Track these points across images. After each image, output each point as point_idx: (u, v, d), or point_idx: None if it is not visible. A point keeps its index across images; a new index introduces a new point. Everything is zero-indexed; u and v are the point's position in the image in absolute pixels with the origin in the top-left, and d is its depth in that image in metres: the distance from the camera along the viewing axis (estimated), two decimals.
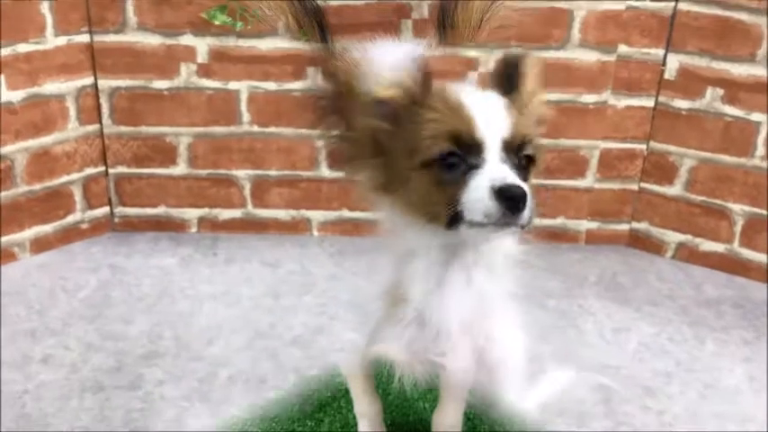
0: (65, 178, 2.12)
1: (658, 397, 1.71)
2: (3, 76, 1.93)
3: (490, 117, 0.92)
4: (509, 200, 0.87)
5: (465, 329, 1.02)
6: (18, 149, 2.01)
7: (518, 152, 0.92)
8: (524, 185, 0.88)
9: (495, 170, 0.90)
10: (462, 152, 0.90)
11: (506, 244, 1.00)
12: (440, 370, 1.06)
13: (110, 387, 1.66)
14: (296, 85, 2.12)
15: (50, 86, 2.01)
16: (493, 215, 0.88)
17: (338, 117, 0.94)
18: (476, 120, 0.91)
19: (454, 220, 0.91)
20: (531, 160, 0.94)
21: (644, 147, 2.20)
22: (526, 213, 0.88)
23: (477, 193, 0.88)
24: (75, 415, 1.58)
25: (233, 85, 2.11)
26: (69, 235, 2.18)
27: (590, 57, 2.08)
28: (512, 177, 0.89)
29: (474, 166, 0.90)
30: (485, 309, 1.03)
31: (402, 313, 1.02)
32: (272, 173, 2.23)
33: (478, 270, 1.00)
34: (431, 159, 0.91)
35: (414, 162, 0.92)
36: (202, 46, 2.06)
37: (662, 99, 2.14)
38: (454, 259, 0.98)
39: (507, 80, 0.98)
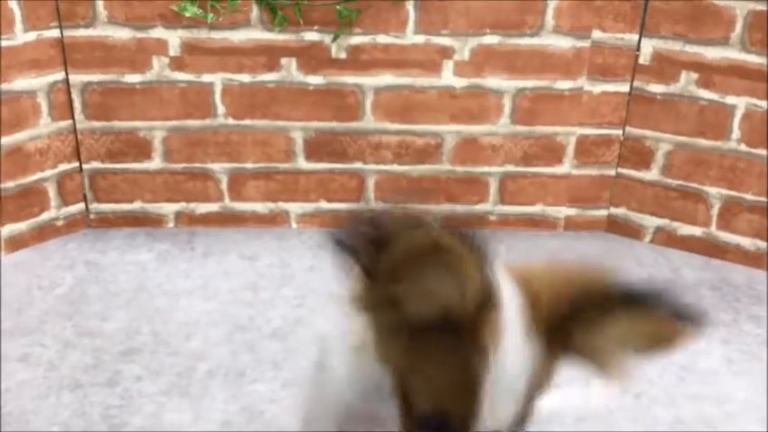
0: (38, 175, 2.10)
1: (636, 380, 1.72)
2: None
3: None
4: None
5: None
6: None
7: None
8: None
9: None
10: None
11: None
12: None
13: (87, 384, 1.65)
14: (270, 76, 2.10)
15: (21, 82, 1.99)
16: None
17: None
18: None
19: None
20: None
21: (620, 132, 2.20)
22: None
23: None
24: (54, 412, 1.56)
25: (206, 78, 2.09)
26: (44, 232, 2.16)
27: (564, 43, 2.08)
28: None
29: None
30: None
31: None
32: (249, 166, 2.21)
33: None
34: None
35: None
36: (174, 38, 2.04)
37: (637, 84, 2.14)
38: None
39: None
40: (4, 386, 1.64)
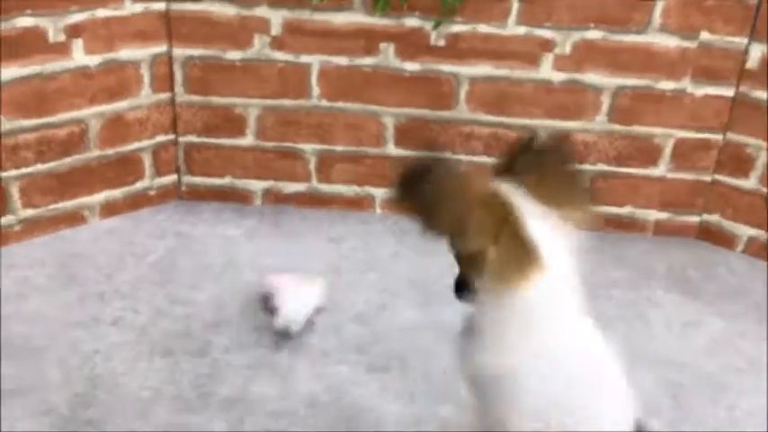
0: (136, 145, 2.15)
1: (728, 393, 1.67)
2: (81, 40, 1.95)
3: None
4: None
5: None
6: (93, 114, 2.04)
7: None
8: None
9: None
10: None
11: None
12: None
13: (178, 351, 1.68)
14: (367, 60, 2.10)
15: (126, 53, 2.03)
16: None
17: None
18: None
19: None
20: None
21: (720, 137, 2.14)
22: None
23: None
24: (145, 376, 1.60)
25: (304, 59, 2.10)
26: (137, 201, 2.21)
27: (670, 42, 2.03)
28: None
29: None
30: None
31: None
32: (339, 148, 2.22)
33: None
34: None
35: None
36: (277, 18, 2.05)
37: (742, 89, 2.07)
38: None
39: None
40: (98, 347, 1.68)
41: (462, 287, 1.08)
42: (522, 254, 1.00)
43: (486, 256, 1.00)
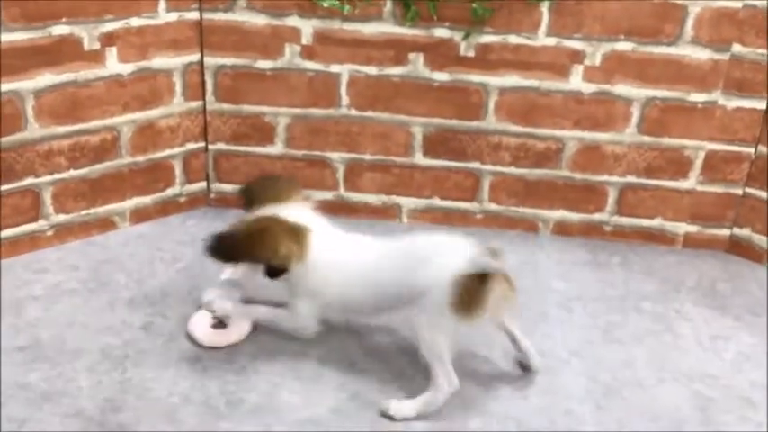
0: (167, 152, 2.17)
1: (758, 408, 1.66)
2: (115, 48, 1.98)
3: None
4: None
5: None
6: (125, 121, 2.07)
7: None
8: None
9: None
10: None
11: None
12: None
13: (206, 358, 1.69)
14: (396, 70, 2.11)
15: (159, 61, 2.06)
16: None
17: None
18: None
19: None
20: None
21: (752, 150, 2.12)
22: None
23: None
24: (174, 382, 1.62)
25: (334, 68, 2.12)
26: (167, 207, 2.24)
27: (702, 55, 2.02)
28: None
29: None
30: None
31: None
32: (367, 157, 2.23)
33: None
34: None
35: None
36: (307, 28, 2.07)
37: None
38: None
39: None
40: (127, 353, 1.70)
41: (273, 275, 1.66)
42: (303, 245, 1.67)
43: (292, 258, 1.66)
